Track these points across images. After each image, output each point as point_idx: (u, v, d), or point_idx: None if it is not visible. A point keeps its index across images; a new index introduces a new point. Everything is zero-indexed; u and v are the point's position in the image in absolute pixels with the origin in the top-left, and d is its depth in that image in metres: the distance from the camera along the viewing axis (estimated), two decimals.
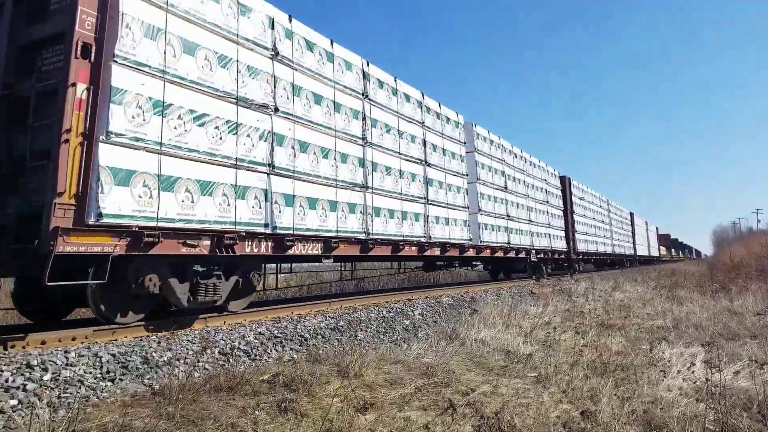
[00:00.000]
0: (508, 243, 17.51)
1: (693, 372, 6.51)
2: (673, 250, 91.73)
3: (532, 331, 8.42)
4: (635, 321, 10.50)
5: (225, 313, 7.78)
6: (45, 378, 4.60)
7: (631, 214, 47.47)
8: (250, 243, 7.69)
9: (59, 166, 5.50)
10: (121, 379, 4.94)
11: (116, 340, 6.05)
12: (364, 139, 10.61)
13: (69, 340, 5.81)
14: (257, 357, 6.24)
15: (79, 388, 4.60)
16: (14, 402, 4.14)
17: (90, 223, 5.67)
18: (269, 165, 8.05)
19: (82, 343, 5.79)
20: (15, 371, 4.59)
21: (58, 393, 4.43)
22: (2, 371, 4.53)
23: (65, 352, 5.19)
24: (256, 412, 4.14)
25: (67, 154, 5.57)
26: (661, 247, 71.55)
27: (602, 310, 11.64)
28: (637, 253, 47.83)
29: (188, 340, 6.16)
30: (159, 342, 5.96)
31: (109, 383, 4.82)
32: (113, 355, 5.30)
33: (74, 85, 5.68)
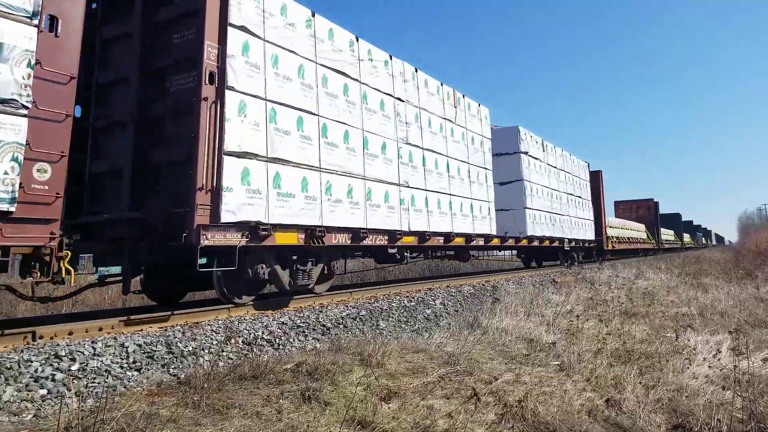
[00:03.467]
0: None
1: (719, 359, 6.43)
2: (669, 231, 57.65)
3: (554, 320, 8.37)
4: (659, 309, 10.38)
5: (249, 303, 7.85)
6: (73, 368, 4.68)
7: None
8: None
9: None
10: (147, 369, 5.01)
11: (141, 330, 6.14)
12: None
13: (96, 330, 5.91)
14: (280, 346, 6.29)
15: (106, 377, 4.68)
16: (44, 392, 4.23)
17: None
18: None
19: (108, 333, 5.88)
20: (44, 361, 4.68)
21: (86, 383, 4.51)
22: (32, 362, 4.63)
23: (92, 342, 5.28)
24: (281, 400, 4.17)
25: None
26: (627, 221, 37.84)
27: (625, 297, 11.52)
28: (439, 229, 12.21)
29: (212, 330, 6.23)
30: (183, 332, 6.03)
31: (135, 373, 4.90)
32: (139, 345, 5.38)
33: None
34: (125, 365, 4.99)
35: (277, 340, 6.42)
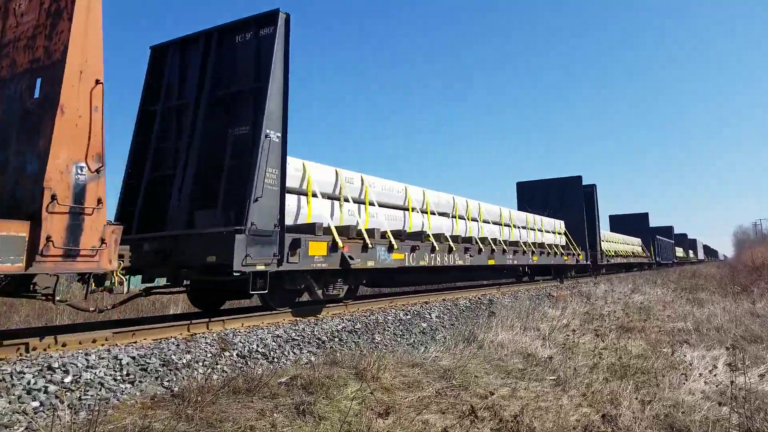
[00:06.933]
0: None
1: (715, 375, 6.40)
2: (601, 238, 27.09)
3: (550, 334, 8.35)
4: (655, 323, 10.36)
5: (244, 315, 7.83)
6: (66, 380, 4.64)
7: None
8: None
9: None
10: (140, 382, 4.97)
11: (135, 342, 6.09)
12: None
13: (89, 342, 5.86)
14: (275, 359, 6.25)
15: (100, 390, 4.64)
16: (36, 404, 4.19)
17: None
18: None
19: (102, 345, 5.83)
20: (37, 373, 4.64)
21: (78, 395, 4.47)
22: (24, 373, 4.59)
23: (86, 354, 5.24)
24: (275, 414, 4.14)
25: None
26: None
27: (622, 312, 11.50)
28: None
29: (207, 343, 6.19)
30: (178, 344, 5.99)
31: (128, 385, 4.86)
32: (133, 358, 5.34)
33: None
34: (119, 377, 4.95)
35: (271, 353, 6.39)
